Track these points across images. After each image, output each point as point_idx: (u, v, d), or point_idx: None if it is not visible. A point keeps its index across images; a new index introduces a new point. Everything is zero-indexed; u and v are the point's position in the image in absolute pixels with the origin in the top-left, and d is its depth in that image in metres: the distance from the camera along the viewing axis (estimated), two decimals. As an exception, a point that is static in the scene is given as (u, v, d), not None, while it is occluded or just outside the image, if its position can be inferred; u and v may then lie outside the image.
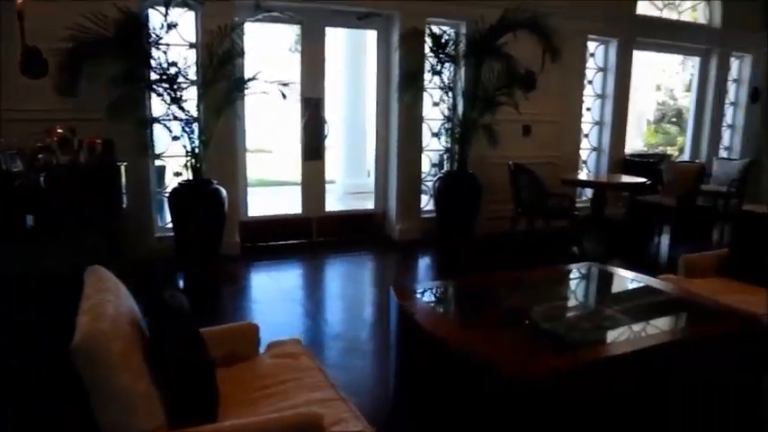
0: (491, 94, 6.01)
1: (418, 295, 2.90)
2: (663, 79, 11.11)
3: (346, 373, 3.23)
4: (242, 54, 5.15)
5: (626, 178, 6.76)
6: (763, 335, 2.54)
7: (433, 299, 2.94)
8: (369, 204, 6.78)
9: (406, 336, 2.56)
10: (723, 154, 9.10)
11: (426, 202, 6.66)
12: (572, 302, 3.09)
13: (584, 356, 2.18)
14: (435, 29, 6.19)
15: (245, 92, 5.07)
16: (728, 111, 9.17)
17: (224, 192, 4.93)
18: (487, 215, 6.47)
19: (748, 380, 2.60)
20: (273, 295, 4.69)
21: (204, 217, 4.83)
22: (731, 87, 9.12)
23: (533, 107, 6.61)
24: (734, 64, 9.01)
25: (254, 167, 7.62)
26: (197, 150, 4.88)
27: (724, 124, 9.14)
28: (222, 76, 4.91)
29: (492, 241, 6.34)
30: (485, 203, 6.35)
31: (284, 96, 4.88)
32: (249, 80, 4.96)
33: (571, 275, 3.45)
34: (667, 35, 8.08)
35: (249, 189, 6.01)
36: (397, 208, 6.41)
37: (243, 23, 5.08)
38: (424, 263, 6.14)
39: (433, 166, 6.69)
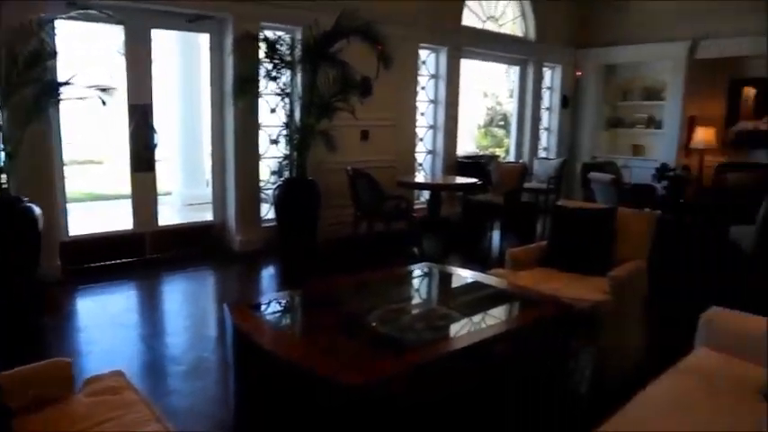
0: (327, 100, 6.03)
1: (257, 310, 2.81)
2: (490, 86, 11.95)
3: (188, 398, 3.05)
4: (54, 55, 4.64)
5: (459, 179, 7.18)
6: (571, 316, 2.82)
7: (273, 312, 2.85)
8: (208, 216, 6.46)
9: (245, 356, 2.45)
10: (542, 154, 10.03)
11: (267, 211, 6.52)
12: (410, 304, 3.18)
13: (419, 357, 2.23)
14: (270, 33, 6.09)
15: (60, 98, 4.58)
16: (545, 115, 10.14)
17: (37, 210, 4.40)
18: (329, 220, 6.50)
19: (564, 358, 2.87)
20: (101, 321, 4.27)
21: (14, 239, 4.27)
22: (546, 94, 10.09)
23: (370, 112, 6.76)
24: (547, 73, 9.99)
25: (82, 180, 6.95)
26: (1, 164, 4.32)
27: (542, 127, 10.08)
28: (29, 79, 4.39)
29: (334, 246, 6.38)
30: (325, 209, 6.36)
31: (104, 103, 4.46)
32: (62, 84, 4.49)
33: (409, 276, 3.55)
34: (490, 46, 8.72)
35: (74, 205, 5.45)
36: (237, 218, 6.19)
37: (52, 20, 4.58)
38: (266, 273, 6.00)
39: (273, 173, 6.55)
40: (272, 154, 6.54)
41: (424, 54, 8.00)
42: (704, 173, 9.03)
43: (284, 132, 6.44)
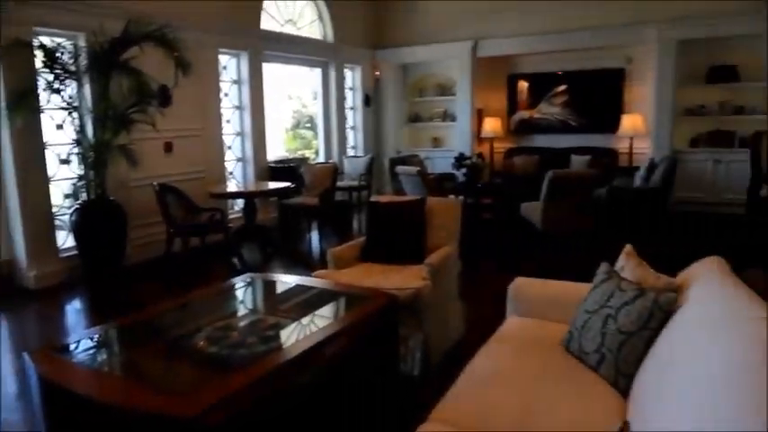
0: (123, 113, 5.59)
1: (65, 353, 2.51)
2: (294, 89, 12.01)
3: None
4: None
5: (272, 184, 7.12)
6: (396, 305, 2.97)
7: (85, 352, 2.58)
8: (-9, 252, 5.63)
9: (57, 408, 2.18)
10: (350, 152, 10.36)
11: (65, 239, 5.86)
12: (237, 318, 3.09)
13: (256, 372, 2.17)
14: (47, 40, 5.45)
15: None
16: (350, 114, 10.48)
17: None
18: (138, 242, 6.06)
19: (394, 346, 3.01)
20: None
21: None
22: (349, 94, 10.43)
23: (173, 123, 6.42)
24: (348, 74, 10.33)
25: None
26: None
27: (348, 126, 10.41)
28: None
29: (147, 269, 5.96)
30: (133, 229, 5.93)
31: None
32: None
33: (232, 290, 3.44)
34: (291, 49, 8.77)
35: None
36: (28, 251, 5.47)
37: None
38: (72, 309, 5.37)
39: (67, 196, 5.89)
40: (63, 175, 5.88)
41: (224, 59, 7.79)
42: (495, 158, 10.06)
43: (76, 150, 5.79)
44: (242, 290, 3.45)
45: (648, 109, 8.90)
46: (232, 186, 7.42)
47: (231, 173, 8.08)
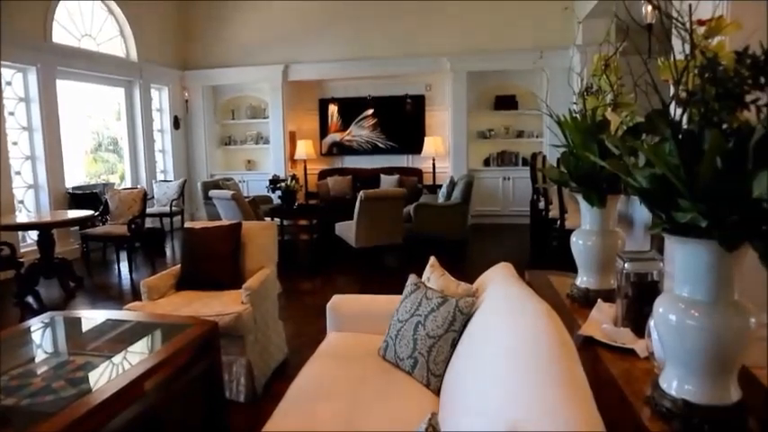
0: None
1: None
2: (94, 109, 11.14)
3: None
4: None
5: (72, 213, 6.54)
6: (215, 332, 2.97)
7: None
8: None
9: None
10: (160, 177, 9.87)
11: None
12: (38, 363, 2.83)
13: (68, 418, 2.05)
14: None
15: None
16: (158, 137, 10.00)
17: None
18: None
19: (218, 373, 3.00)
20: None
21: None
22: (156, 116, 9.96)
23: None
24: (155, 94, 9.87)
25: None
26: None
27: (157, 149, 9.92)
28: None
29: None
30: None
31: None
32: None
33: (28, 333, 3.14)
34: (89, 66, 8.16)
35: None
36: None
37: None
38: None
39: None
40: None
41: (8, 74, 7.01)
42: (309, 180, 10.29)
43: None
44: (40, 331, 3.17)
45: (447, 132, 9.82)
46: (23, 217, 6.65)
47: (21, 201, 7.26)
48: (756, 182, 1.04)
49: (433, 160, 9.82)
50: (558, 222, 5.79)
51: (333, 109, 10.52)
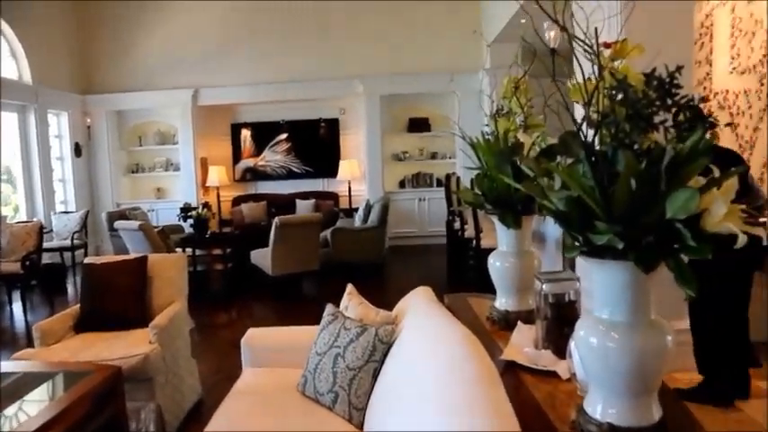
0: None
1: None
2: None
3: None
4: None
5: (-43, 251, 5.96)
6: (119, 377, 2.74)
7: None
8: None
9: None
10: (60, 208, 9.21)
11: None
12: None
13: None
14: None
15: None
16: (57, 165, 9.35)
17: None
18: None
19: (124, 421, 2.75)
20: None
21: None
22: (55, 143, 9.33)
23: None
24: (53, 120, 9.25)
25: None
26: None
27: (55, 179, 9.26)
28: None
29: None
30: None
31: None
32: None
33: None
34: (-26, 90, 7.54)
35: None
36: None
37: None
38: None
39: None
40: None
41: None
42: (222, 207, 9.96)
43: None
44: None
45: (362, 155, 9.83)
46: None
47: None
48: (669, 202, 1.04)
49: (349, 183, 9.78)
50: (474, 242, 5.88)
51: (246, 134, 10.28)
